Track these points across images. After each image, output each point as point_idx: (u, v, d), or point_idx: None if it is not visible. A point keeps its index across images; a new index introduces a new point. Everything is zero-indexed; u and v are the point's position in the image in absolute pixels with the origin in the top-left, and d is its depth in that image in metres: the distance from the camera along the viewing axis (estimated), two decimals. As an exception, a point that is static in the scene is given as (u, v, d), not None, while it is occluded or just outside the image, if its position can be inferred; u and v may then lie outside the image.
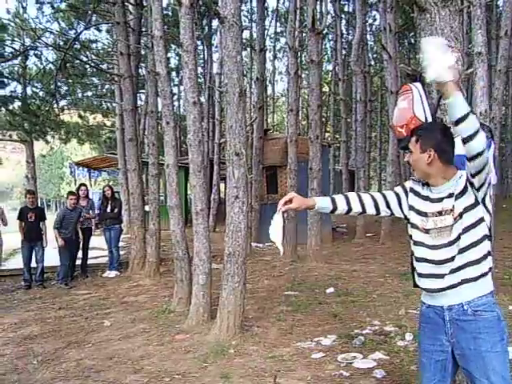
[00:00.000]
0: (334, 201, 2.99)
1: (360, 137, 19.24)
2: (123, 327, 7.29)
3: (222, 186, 24.35)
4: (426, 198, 2.79)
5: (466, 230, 2.64)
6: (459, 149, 2.84)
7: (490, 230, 2.73)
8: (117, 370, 5.51)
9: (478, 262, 2.66)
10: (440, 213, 2.70)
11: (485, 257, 2.68)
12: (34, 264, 10.71)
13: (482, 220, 2.67)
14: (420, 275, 2.81)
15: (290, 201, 2.91)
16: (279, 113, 47.92)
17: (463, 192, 2.65)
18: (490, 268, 2.72)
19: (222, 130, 23.70)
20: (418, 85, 3.21)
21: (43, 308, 8.88)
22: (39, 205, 14.75)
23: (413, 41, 29.82)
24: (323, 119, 26.46)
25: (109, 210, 11.69)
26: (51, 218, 11.96)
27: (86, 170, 26.05)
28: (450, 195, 2.68)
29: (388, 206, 2.97)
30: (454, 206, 2.65)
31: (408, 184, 2.93)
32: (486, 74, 8.03)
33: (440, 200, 2.72)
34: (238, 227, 6.31)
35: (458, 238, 2.65)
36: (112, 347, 6.36)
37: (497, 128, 9.32)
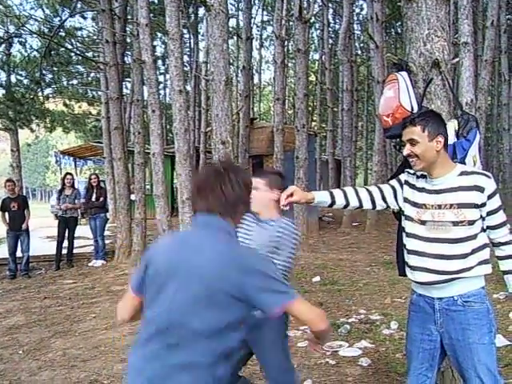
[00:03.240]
0: (332, 195, 3.01)
1: (346, 126, 19.23)
2: (109, 316, 7.26)
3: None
4: (422, 190, 2.78)
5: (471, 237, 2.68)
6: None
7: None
8: (103, 359, 5.49)
9: (472, 255, 2.67)
10: (440, 206, 2.69)
11: (479, 249, 2.69)
12: (19, 253, 10.64)
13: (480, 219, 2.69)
14: (411, 268, 2.81)
15: (292, 194, 2.94)
16: (265, 102, 47.86)
17: (469, 206, 2.65)
18: (486, 260, 2.72)
19: (208, 118, 23.61)
20: (404, 74, 3.21)
21: (28, 298, 8.83)
22: (24, 194, 14.67)
23: (399, 30, 29.85)
24: (309, 108, 26.46)
25: (94, 198, 11.60)
26: (36, 206, 11.88)
27: (71, 158, 25.88)
28: (452, 189, 2.67)
29: (384, 199, 2.97)
30: (458, 206, 2.65)
31: (403, 177, 2.93)
32: (472, 63, 8.06)
33: (438, 192, 2.71)
34: (224, 216, 6.31)
35: (458, 240, 2.67)
36: (98, 337, 6.34)
37: (482, 118, 9.39)
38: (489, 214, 2.66)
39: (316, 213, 16.47)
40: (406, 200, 2.87)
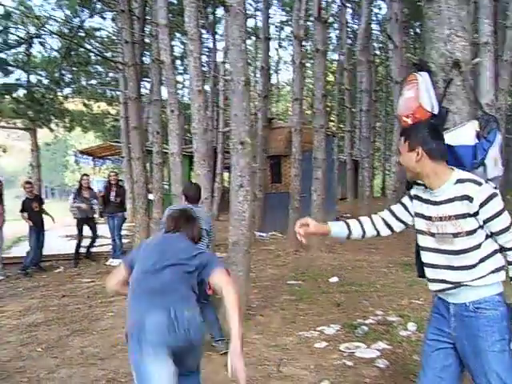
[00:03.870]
0: (348, 227, 3.07)
1: (365, 127, 19.13)
2: (126, 315, 7.29)
3: (225, 175, 24.33)
4: (428, 201, 2.80)
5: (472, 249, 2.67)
6: (467, 139, 2.84)
7: None
8: (120, 357, 5.51)
9: (481, 264, 2.66)
10: (441, 218, 2.72)
11: (488, 257, 2.68)
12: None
13: (480, 228, 2.67)
14: (428, 279, 2.85)
15: (307, 224, 2.99)
16: (283, 102, 47.78)
17: (463, 216, 2.65)
18: (499, 268, 2.70)
19: (226, 118, 23.64)
20: (425, 74, 3.19)
21: (47, 296, 8.90)
22: (43, 193, 14.88)
23: (418, 30, 29.66)
24: (328, 109, 26.36)
25: (112, 197, 11.66)
26: (55, 205, 12.05)
27: (90, 158, 26.06)
28: (448, 200, 2.68)
29: (399, 220, 3.01)
30: (455, 217, 2.66)
31: (413, 191, 2.95)
32: (493, 64, 7.98)
33: (438, 203, 2.73)
34: (242, 216, 6.31)
35: (462, 252, 2.67)
36: (116, 335, 6.37)
37: (503, 118, 9.29)
38: (486, 221, 2.63)
39: (334, 213, 16.43)
40: (416, 214, 2.89)
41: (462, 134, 2.87)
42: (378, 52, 33.79)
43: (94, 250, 12.06)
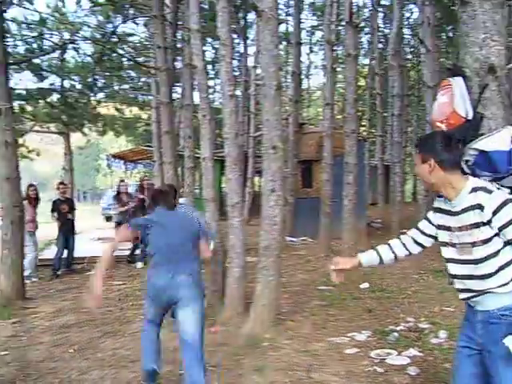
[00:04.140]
0: (378, 253, 3.13)
1: (396, 131, 18.97)
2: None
3: (256, 179, 24.34)
4: (448, 212, 2.81)
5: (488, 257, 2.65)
6: (502, 144, 2.80)
7: None
8: (151, 360, 5.56)
9: (502, 272, 2.64)
10: (460, 228, 2.72)
11: (507, 264, 2.64)
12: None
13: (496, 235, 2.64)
14: (456, 289, 2.86)
15: (338, 263, 3.18)
16: (314, 107, 47.67)
17: (477, 225, 2.64)
18: None
19: (257, 123, 23.66)
20: (459, 79, 3.16)
21: (79, 298, 9.01)
22: (75, 196, 15.10)
23: (451, 34, 29.32)
24: (359, 113, 26.21)
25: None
26: (87, 208, 12.22)
27: (121, 162, 26.31)
28: (464, 210, 2.67)
29: (427, 235, 3.03)
30: (470, 227, 2.65)
31: (435, 204, 2.95)
32: (528, 68, 7.87)
33: (457, 214, 2.73)
34: (273, 220, 6.31)
35: (480, 260, 2.66)
36: (147, 338, 6.43)
37: (537, 124, 9.15)
38: (501, 228, 2.59)
39: (364, 219, 16.32)
40: (439, 227, 2.90)
41: (496, 140, 2.84)
42: (409, 56, 33.50)
43: (120, 253, 12.12)
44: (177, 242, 4.35)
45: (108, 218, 20.76)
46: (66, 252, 11.17)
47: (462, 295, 2.80)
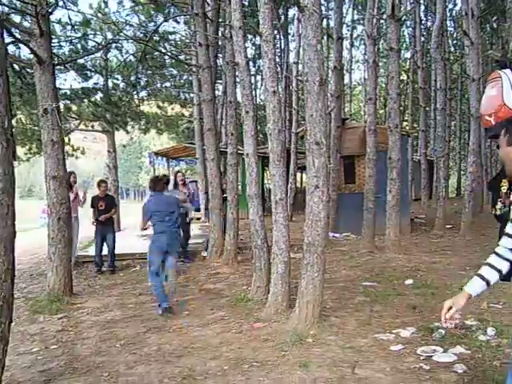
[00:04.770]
0: (483, 278, 2.89)
1: (440, 126, 18.71)
2: (202, 314, 7.42)
3: (298, 175, 24.29)
4: None
5: None
6: None
7: None
8: (196, 355, 5.62)
9: None
10: None
11: None
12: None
13: None
14: None
15: (449, 308, 2.97)
16: (356, 102, 47.34)
17: None
18: None
19: (299, 119, 23.63)
20: (508, 71, 3.10)
21: (124, 293, 9.16)
22: (118, 193, 15.30)
23: (495, 26, 28.76)
24: (401, 108, 25.93)
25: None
26: (130, 205, 12.42)
27: (164, 159, 26.55)
28: None
29: None
30: None
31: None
32: None
33: None
34: (318, 217, 6.29)
35: None
36: (192, 333, 6.50)
37: None
38: None
39: (408, 215, 16.16)
40: None
41: None
42: (452, 49, 32.99)
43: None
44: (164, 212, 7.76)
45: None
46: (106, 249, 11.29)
47: None
